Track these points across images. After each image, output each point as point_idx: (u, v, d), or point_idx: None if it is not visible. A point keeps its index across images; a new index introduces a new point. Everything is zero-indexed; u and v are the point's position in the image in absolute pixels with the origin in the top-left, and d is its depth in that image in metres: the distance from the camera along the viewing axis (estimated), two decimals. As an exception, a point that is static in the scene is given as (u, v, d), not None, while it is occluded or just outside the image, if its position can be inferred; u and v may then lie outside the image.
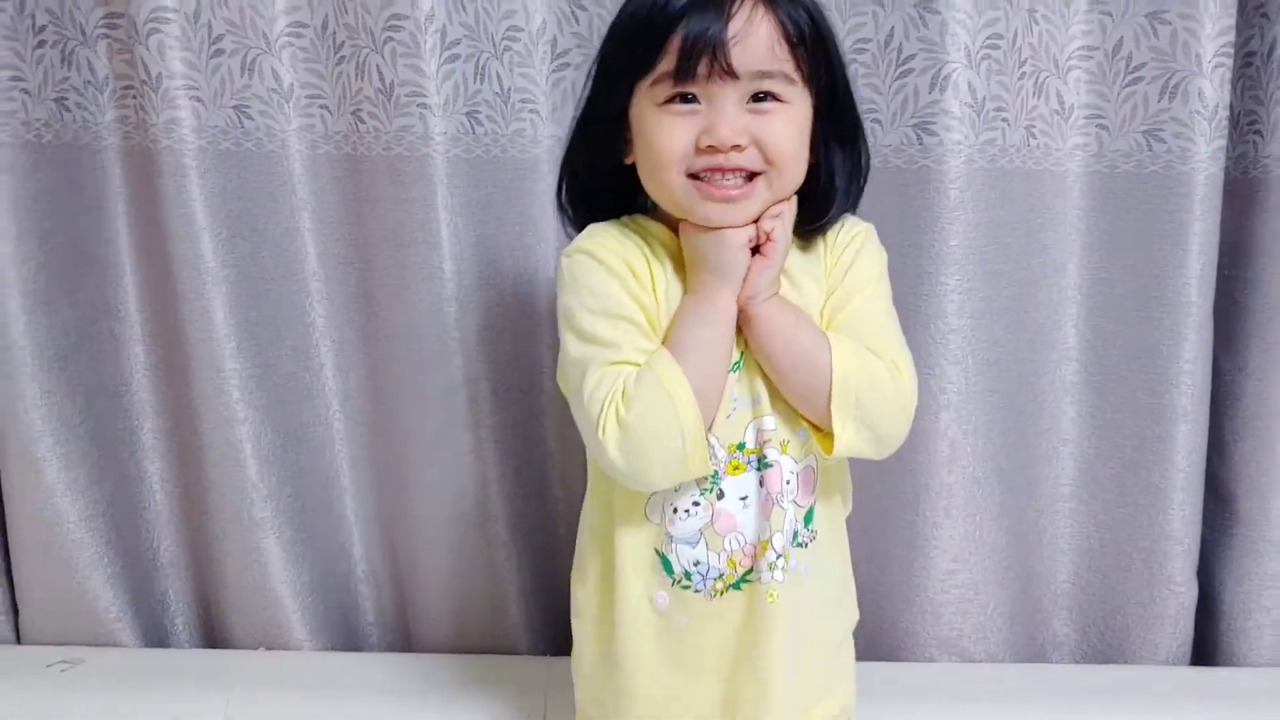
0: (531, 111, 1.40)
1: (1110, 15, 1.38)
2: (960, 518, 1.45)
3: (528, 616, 1.50)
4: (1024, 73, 1.38)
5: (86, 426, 1.46)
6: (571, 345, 1.01)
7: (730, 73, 0.93)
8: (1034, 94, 1.39)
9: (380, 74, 1.34)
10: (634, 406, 0.95)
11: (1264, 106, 1.40)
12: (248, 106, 1.38)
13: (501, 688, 1.40)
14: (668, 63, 0.94)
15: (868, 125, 1.36)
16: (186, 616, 1.56)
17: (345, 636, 1.55)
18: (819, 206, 1.04)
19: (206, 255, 1.38)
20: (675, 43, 0.93)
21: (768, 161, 0.96)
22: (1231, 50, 1.36)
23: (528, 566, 1.48)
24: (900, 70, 1.37)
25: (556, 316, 1.06)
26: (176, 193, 1.36)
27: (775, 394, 1.02)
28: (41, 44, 1.36)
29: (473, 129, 1.37)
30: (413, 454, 1.45)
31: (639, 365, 0.98)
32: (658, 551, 1.03)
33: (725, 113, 0.94)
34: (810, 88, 0.99)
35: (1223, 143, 1.38)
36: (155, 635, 1.54)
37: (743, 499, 1.02)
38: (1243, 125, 1.43)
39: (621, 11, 1.01)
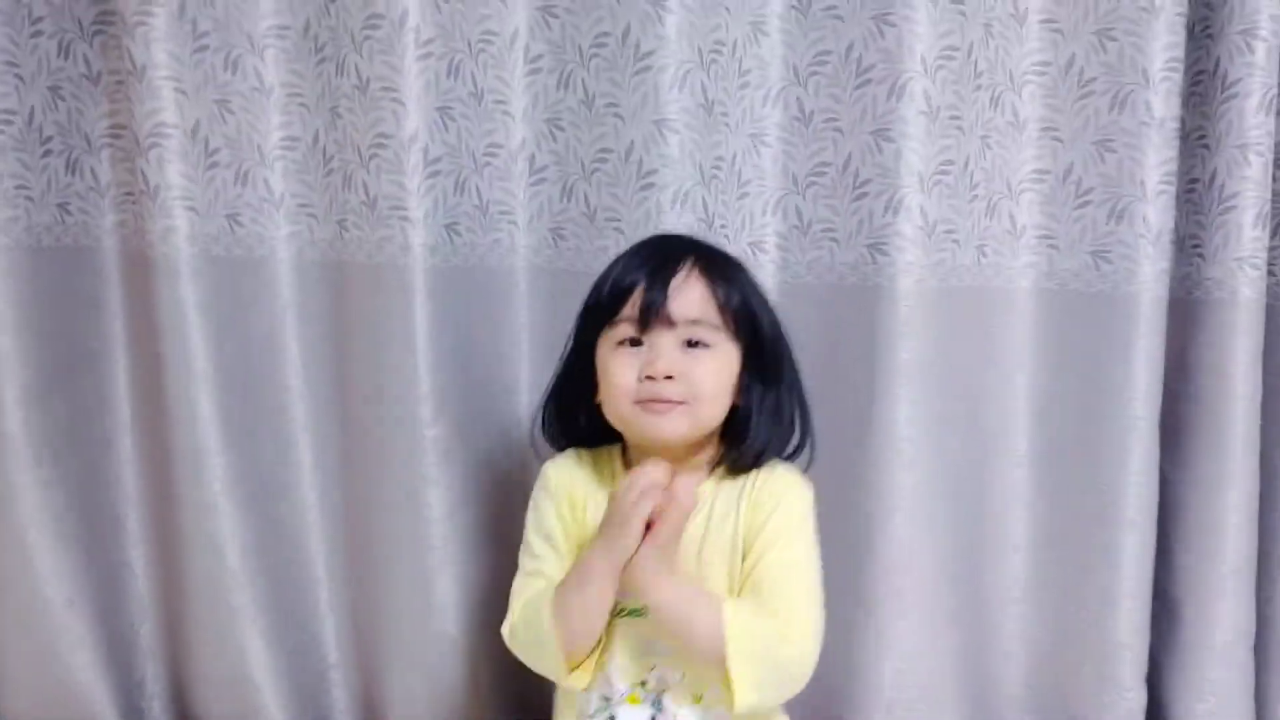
0: (510, 222, 1.47)
1: (1061, 141, 1.47)
2: (914, 620, 1.50)
3: (502, 713, 1.54)
4: (976, 195, 1.46)
5: (76, 514, 1.51)
6: (522, 548, 1.28)
7: (669, 321, 1.17)
8: (986, 215, 1.47)
9: (365, 187, 1.41)
10: (521, 623, 1.22)
11: (1205, 231, 1.47)
12: (239, 214, 1.46)
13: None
14: (628, 311, 1.18)
15: (825, 243, 1.46)
16: (164, 699, 1.59)
17: (318, 721, 1.59)
18: (737, 440, 1.23)
19: (196, 354, 1.43)
20: (635, 299, 1.18)
21: (692, 395, 1.17)
22: (1174, 178, 1.44)
23: (502, 661, 1.51)
24: (856, 193, 1.45)
25: (528, 423, 1.39)
26: (170, 295, 1.42)
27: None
28: (48, 153, 1.44)
29: (451, 240, 1.45)
30: (386, 549, 1.49)
31: (544, 575, 1.22)
32: None
33: (663, 351, 1.17)
34: (737, 340, 1.20)
35: (1166, 264, 1.45)
36: (133, 717, 1.58)
37: None
38: (1187, 247, 1.50)
39: (600, 279, 1.23)
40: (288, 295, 1.49)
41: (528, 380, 1.52)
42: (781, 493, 1.22)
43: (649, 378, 1.17)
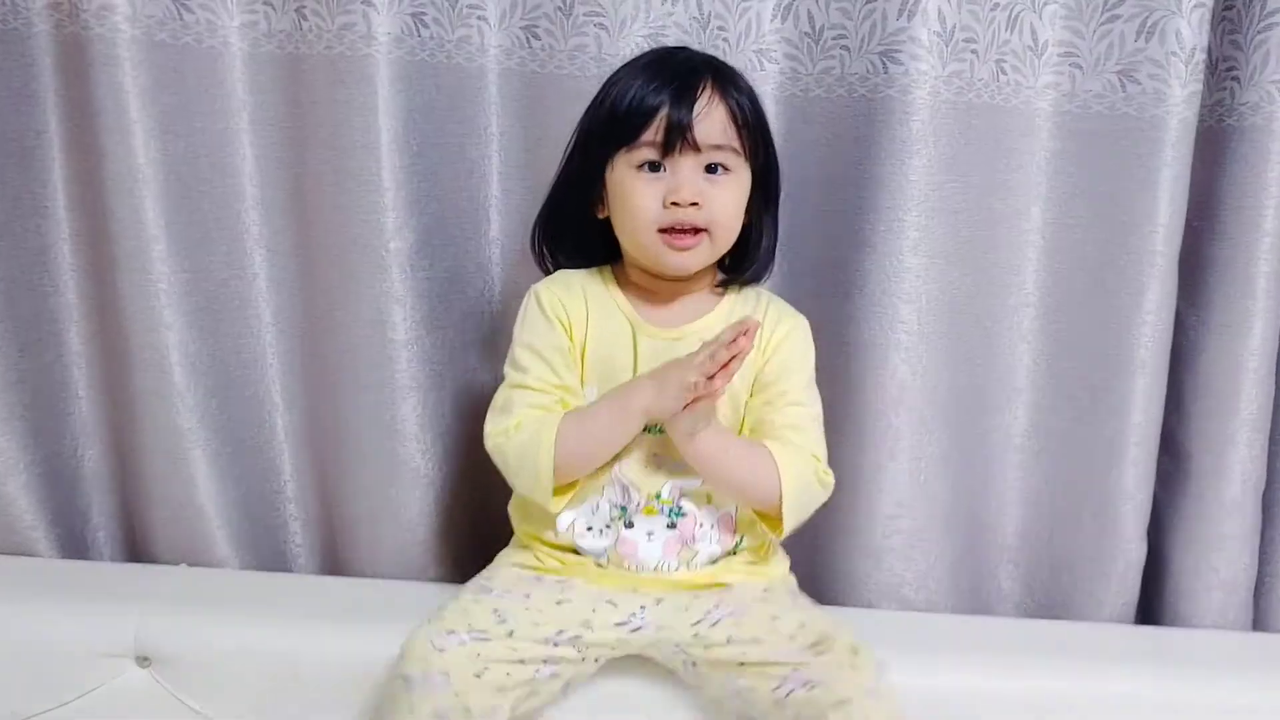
0: (479, 19, 1.35)
1: (1090, -51, 1.33)
2: (906, 461, 1.41)
3: (461, 544, 1.46)
4: (997, 4, 1.33)
5: (7, 325, 1.41)
6: (506, 362, 1.25)
7: (694, 146, 1.16)
8: (1006, 27, 1.34)
9: (325, -33, 1.28)
10: (512, 445, 1.20)
11: (1243, 52, 1.35)
12: (187, -1, 1.33)
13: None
14: (650, 135, 1.16)
15: (836, 50, 1.34)
16: (108, 529, 1.51)
17: (271, 556, 1.50)
18: (745, 258, 1.27)
19: (138, 151, 1.32)
20: (658, 124, 1.16)
21: (713, 223, 1.19)
22: (1213, -9, 1.31)
23: (464, 492, 1.44)
24: (869, -7, 1.31)
25: (496, 237, 1.43)
26: (108, 83, 1.30)
27: None
28: (-33, -81, 1.30)
29: (417, 30, 1.32)
30: (347, 371, 1.39)
31: (538, 391, 1.21)
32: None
33: (686, 177, 1.17)
34: (750, 162, 1.21)
35: (1199, 86, 1.34)
36: (74, 546, 1.49)
37: (649, 534, 1.23)
38: (1220, 70, 1.38)
39: (605, 94, 1.22)
40: (241, 93, 1.37)
41: (497, 195, 1.41)
42: (789, 332, 1.27)
43: (674, 204, 1.16)
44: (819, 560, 1.47)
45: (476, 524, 1.46)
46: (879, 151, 1.34)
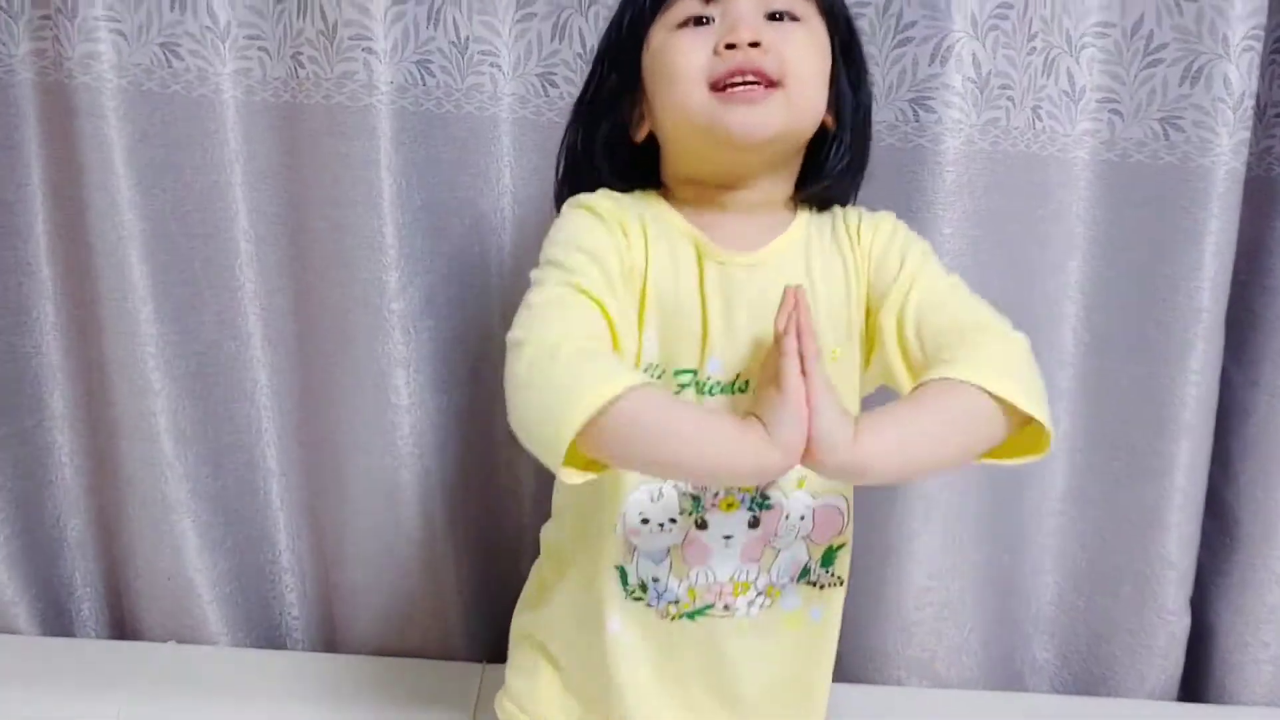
0: (492, 65, 1.27)
1: (1130, -12, 1.26)
2: (939, 529, 1.34)
3: (466, 618, 1.38)
4: (1034, 48, 1.26)
5: (-13, 391, 1.33)
6: (536, 272, 0.91)
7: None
8: (1043, 72, 1.27)
9: (323, 13, 1.20)
10: (556, 369, 0.80)
11: (1293, 97, 1.28)
12: (177, 45, 1.25)
13: (432, 695, 1.29)
14: None
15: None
16: (93, 603, 1.43)
17: (265, 633, 1.43)
18: (826, 163, 0.96)
19: (123, 206, 1.24)
20: None
21: (788, 74, 0.88)
22: (1262, 33, 1.24)
23: (468, 564, 1.37)
24: (899, 39, 1.24)
25: (508, 293, 1.24)
26: (93, 135, 1.22)
27: None
28: (-53, -36, 1.23)
29: (423, 80, 1.25)
30: (346, 437, 1.32)
31: (591, 296, 0.86)
32: (617, 566, 0.96)
33: (743, 15, 0.89)
34: (825, 20, 0.93)
35: (1247, 134, 1.26)
36: (57, 622, 1.42)
37: (726, 537, 0.95)
38: (1269, 117, 1.31)
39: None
40: (234, 144, 1.29)
41: (509, 247, 1.33)
42: (881, 223, 0.98)
43: (729, 46, 0.87)
44: (845, 634, 1.38)
45: (481, 598, 1.38)
46: (910, 203, 1.26)
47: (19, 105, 1.27)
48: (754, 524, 0.95)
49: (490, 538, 1.38)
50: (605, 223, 0.91)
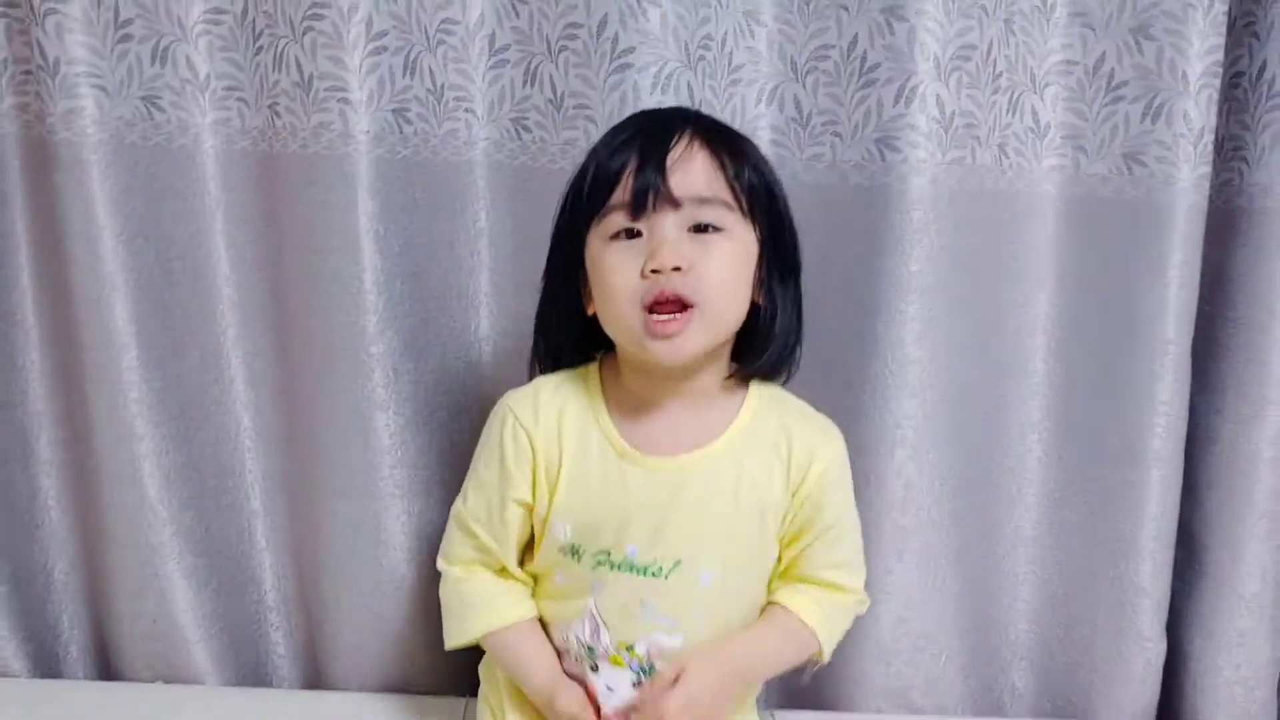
0: (467, 110, 1.29)
1: (1092, 29, 1.30)
2: (914, 562, 1.36)
3: (449, 654, 1.38)
4: (997, 87, 1.29)
5: (-28, 439, 1.35)
6: (466, 477, 1.15)
7: (671, 200, 0.97)
8: (1008, 110, 1.30)
9: (299, 65, 1.23)
10: (456, 595, 1.15)
11: (1250, 131, 1.31)
12: (158, 97, 1.27)
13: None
14: (619, 197, 0.99)
15: (826, 137, 1.29)
16: (81, 645, 1.44)
17: (252, 671, 1.43)
18: (757, 346, 1.07)
19: (106, 258, 1.26)
20: (625, 181, 0.99)
21: (704, 293, 0.98)
22: (1219, 70, 1.27)
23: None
24: (863, 80, 1.27)
25: (486, 335, 1.34)
26: (75, 189, 1.25)
27: (704, 621, 1.07)
28: (-69, 23, 1.25)
29: (400, 127, 1.27)
30: (329, 478, 1.33)
31: (477, 539, 1.12)
32: None
33: (667, 238, 0.98)
34: (753, 223, 1.02)
35: (1207, 169, 1.29)
36: (45, 663, 1.42)
37: (610, 688, 1.08)
38: (1227, 150, 1.34)
39: (578, 170, 1.06)
40: (215, 191, 1.31)
41: (486, 291, 1.35)
42: (825, 468, 1.10)
43: (654, 271, 0.98)
44: (824, 666, 1.40)
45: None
46: (878, 241, 1.29)
47: (3, 158, 1.29)
48: (636, 684, 1.08)
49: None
50: (504, 463, 1.08)
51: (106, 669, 1.44)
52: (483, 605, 1.13)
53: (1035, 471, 1.39)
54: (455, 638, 1.15)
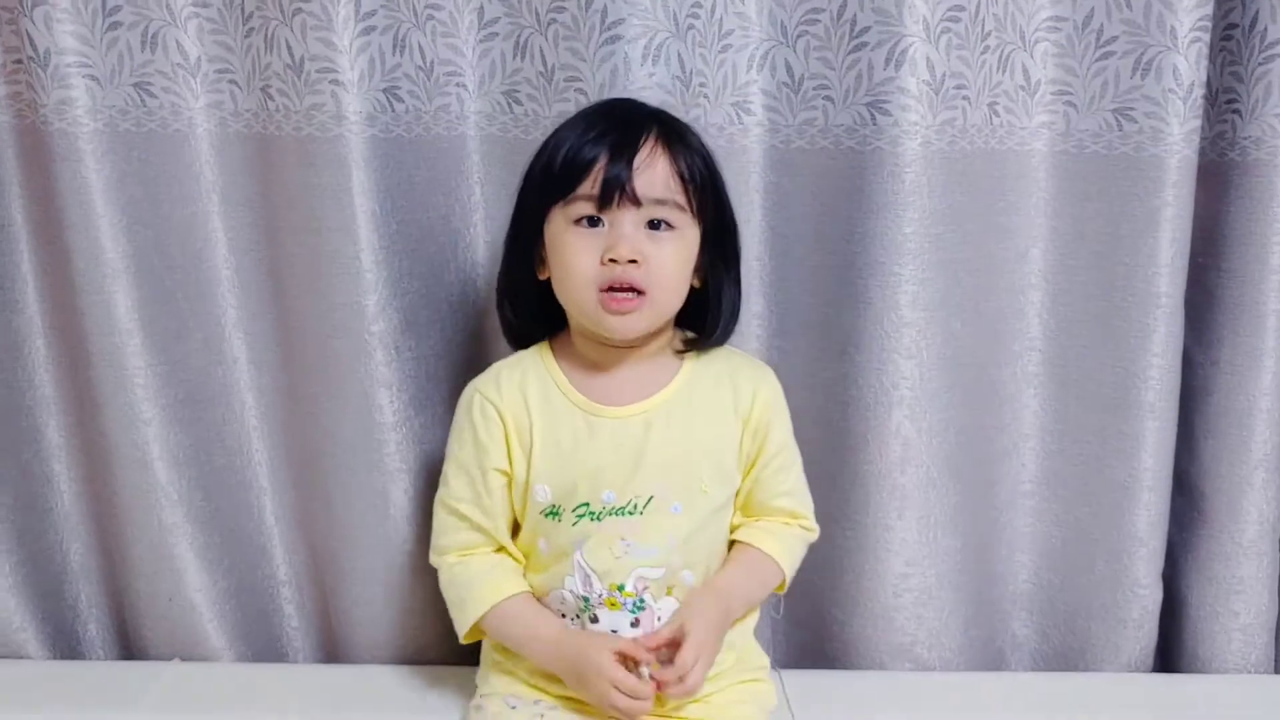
0: (458, 85, 1.30)
1: (1079, -16, 1.29)
2: (914, 519, 1.37)
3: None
4: (987, 46, 1.29)
5: (-16, 425, 1.37)
6: (444, 468, 1.23)
7: (634, 200, 1.09)
8: (998, 69, 1.30)
9: (289, 47, 1.23)
10: (452, 580, 1.21)
11: (1244, 84, 1.31)
12: (150, 83, 1.28)
13: (431, 699, 1.33)
14: (586, 189, 1.09)
15: (818, 101, 1.29)
16: (99, 625, 1.47)
17: (266, 645, 1.46)
18: (704, 322, 1.20)
19: (105, 245, 1.28)
20: (594, 175, 1.09)
21: (654, 283, 1.10)
22: (1209, 23, 1.27)
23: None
24: (854, 44, 1.27)
25: (485, 309, 1.35)
26: (71, 178, 1.26)
27: (679, 545, 1.15)
28: (-79, 14, 1.25)
29: (391, 106, 1.27)
30: (335, 455, 1.35)
31: (465, 519, 1.19)
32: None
33: (625, 233, 1.09)
34: (699, 219, 1.14)
35: (1198, 123, 1.29)
36: (65, 644, 1.46)
37: (613, 631, 1.15)
38: (1220, 103, 1.34)
39: (544, 146, 1.15)
40: (210, 175, 1.33)
41: (484, 263, 1.36)
42: (766, 401, 1.22)
43: (612, 260, 1.09)
44: (828, 624, 1.43)
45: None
46: (871, 205, 1.30)
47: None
48: (635, 624, 1.15)
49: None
50: (477, 438, 1.18)
51: (126, 648, 1.48)
52: (480, 583, 1.19)
53: (1032, 425, 1.41)
54: (463, 626, 1.20)
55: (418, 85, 1.29)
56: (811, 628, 1.44)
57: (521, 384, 1.19)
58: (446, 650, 1.41)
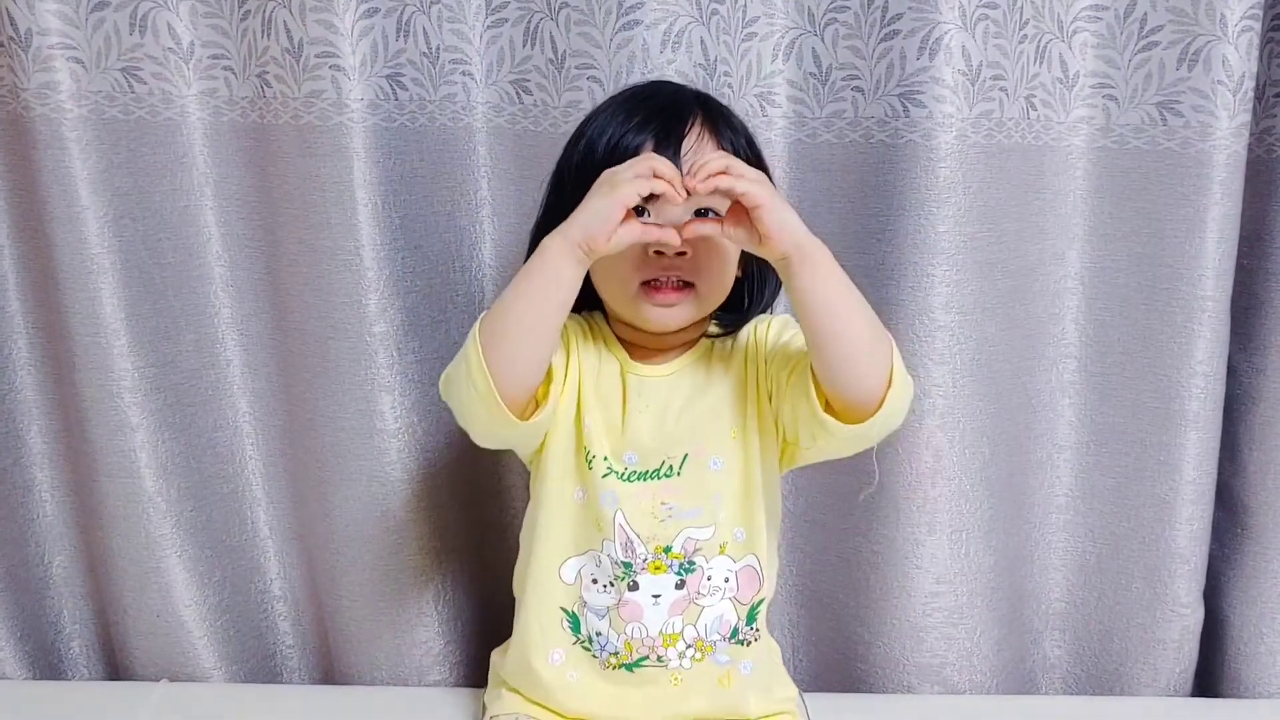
0: (464, 74, 1.24)
1: (1121, -29, 1.22)
2: (945, 534, 1.30)
3: (462, 644, 1.35)
4: (1024, 35, 1.22)
5: (-39, 430, 1.30)
6: None
7: (685, 190, 0.98)
8: (1035, 60, 1.23)
9: (288, 30, 1.16)
10: (449, 371, 1.04)
11: (1294, 76, 1.24)
12: (139, 68, 1.21)
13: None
14: None
15: (847, 92, 1.23)
16: (83, 642, 1.41)
17: (260, 665, 1.40)
18: (741, 308, 1.14)
19: (91, 240, 1.21)
20: None
21: (702, 276, 1.05)
22: (1260, 12, 1.20)
23: (462, 589, 1.34)
24: (885, 32, 1.20)
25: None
26: (54, 167, 1.19)
27: (725, 499, 1.09)
28: (-104, -7, 1.18)
29: (394, 94, 1.21)
30: (333, 463, 1.28)
31: None
32: (566, 610, 1.11)
33: (675, 219, 1.01)
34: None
35: (1247, 117, 1.23)
36: (46, 663, 1.39)
37: (655, 596, 1.09)
38: (1268, 96, 1.27)
39: (582, 132, 1.08)
40: (203, 166, 1.27)
41: (490, 261, 1.30)
42: (769, 323, 1.14)
43: (658, 253, 1.02)
44: (854, 643, 1.36)
45: (479, 621, 1.36)
46: (903, 202, 1.23)
47: (-23, 138, 1.23)
48: (680, 585, 1.09)
49: (486, 561, 1.36)
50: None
51: (111, 667, 1.41)
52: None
53: (1067, 436, 1.35)
54: (473, 374, 0.98)
55: (422, 72, 1.22)
56: (837, 646, 1.37)
57: (581, 323, 1.13)
58: (449, 671, 1.35)
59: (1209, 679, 1.40)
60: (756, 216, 0.95)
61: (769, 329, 1.14)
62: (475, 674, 1.33)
